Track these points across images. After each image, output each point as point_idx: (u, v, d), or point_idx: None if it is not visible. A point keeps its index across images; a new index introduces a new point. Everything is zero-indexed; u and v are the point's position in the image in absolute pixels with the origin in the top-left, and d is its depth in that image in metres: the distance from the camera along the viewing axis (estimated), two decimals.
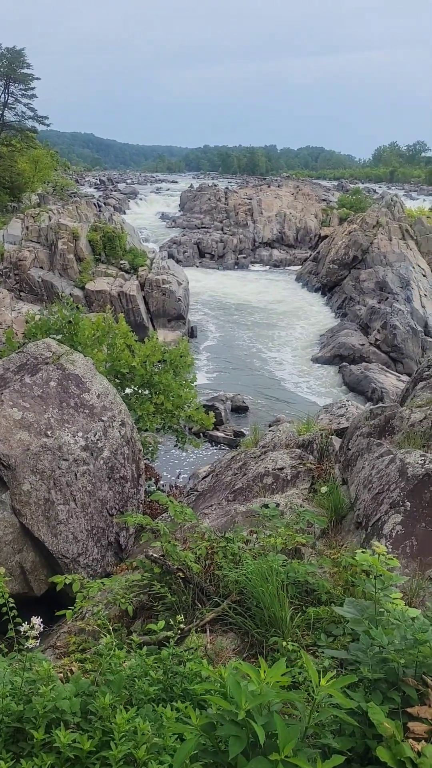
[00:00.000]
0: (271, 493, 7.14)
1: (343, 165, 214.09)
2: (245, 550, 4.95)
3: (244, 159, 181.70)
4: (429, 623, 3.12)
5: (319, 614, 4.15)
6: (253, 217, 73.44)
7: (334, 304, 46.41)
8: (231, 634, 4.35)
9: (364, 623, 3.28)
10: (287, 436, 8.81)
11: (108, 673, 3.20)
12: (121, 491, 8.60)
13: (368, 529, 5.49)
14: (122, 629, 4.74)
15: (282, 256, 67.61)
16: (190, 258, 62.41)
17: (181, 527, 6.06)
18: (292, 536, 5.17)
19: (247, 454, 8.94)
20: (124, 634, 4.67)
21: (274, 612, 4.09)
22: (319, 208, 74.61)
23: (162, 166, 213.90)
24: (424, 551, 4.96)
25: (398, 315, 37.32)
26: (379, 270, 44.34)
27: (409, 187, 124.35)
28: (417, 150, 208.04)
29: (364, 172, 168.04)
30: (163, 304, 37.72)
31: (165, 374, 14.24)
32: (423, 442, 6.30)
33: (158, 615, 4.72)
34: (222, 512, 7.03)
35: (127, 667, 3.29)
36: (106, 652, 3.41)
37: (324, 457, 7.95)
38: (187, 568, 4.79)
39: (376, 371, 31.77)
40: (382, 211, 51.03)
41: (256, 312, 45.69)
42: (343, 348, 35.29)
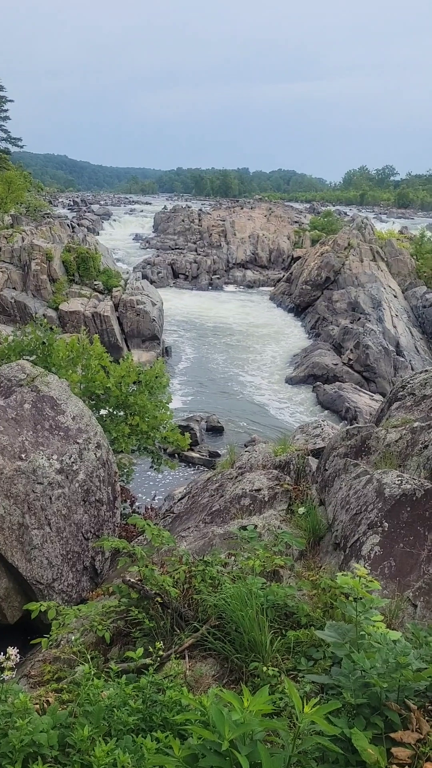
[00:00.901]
0: (248, 514, 7.11)
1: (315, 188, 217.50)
2: (224, 573, 4.90)
3: (217, 181, 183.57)
4: (410, 646, 3.12)
5: (299, 638, 4.12)
6: (227, 238, 74.04)
7: (308, 324, 46.82)
8: (210, 660, 4.29)
9: (345, 647, 3.26)
10: (264, 456, 8.80)
11: (86, 704, 3.12)
12: (96, 514, 8.49)
13: (346, 550, 5.48)
14: (99, 657, 4.64)
15: (255, 277, 68.14)
16: (164, 279, 62.58)
17: (158, 551, 5.99)
18: (271, 558, 5.15)
19: (223, 475, 8.90)
20: (101, 661, 4.58)
21: (254, 636, 4.05)
22: (292, 230, 75.54)
23: (135, 188, 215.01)
24: (403, 572, 4.96)
25: (370, 335, 37.76)
26: (351, 291, 44.90)
27: (378, 210, 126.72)
28: (386, 174, 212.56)
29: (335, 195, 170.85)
30: (138, 325, 37.68)
31: (140, 395, 14.17)
32: (399, 462, 6.33)
33: (136, 641, 4.64)
34: (199, 535, 6.97)
35: (106, 696, 3.22)
36: (84, 682, 3.33)
37: (301, 477, 7.95)
38: (165, 592, 4.73)
39: (349, 390, 32.03)
40: (353, 233, 51.83)
41: (230, 332, 45.88)
42: (316, 368, 35.54)
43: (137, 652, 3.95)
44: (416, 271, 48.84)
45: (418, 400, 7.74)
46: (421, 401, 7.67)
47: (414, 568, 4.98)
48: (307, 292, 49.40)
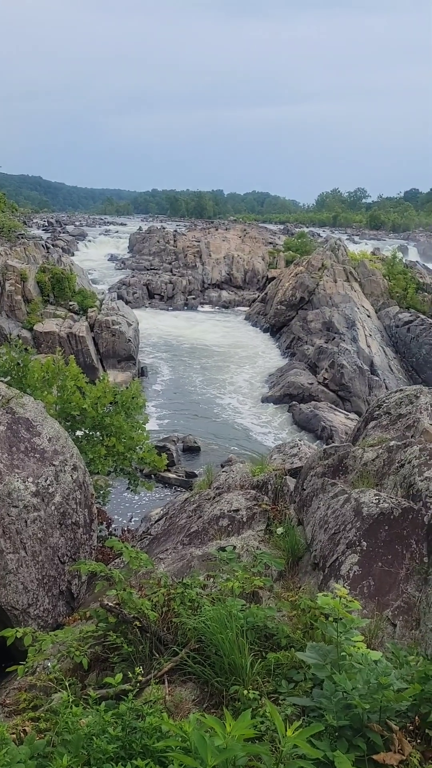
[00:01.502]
0: (227, 535, 7.08)
1: (288, 210, 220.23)
2: (203, 595, 4.87)
3: (192, 203, 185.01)
4: (391, 666, 3.12)
5: (279, 660, 4.09)
6: (202, 259, 74.49)
7: (283, 344, 47.14)
8: (190, 684, 4.24)
9: (326, 668, 3.25)
10: (241, 476, 8.79)
11: (65, 732, 3.06)
12: (73, 538, 8.38)
13: (325, 570, 5.48)
14: (76, 683, 4.56)
15: (231, 297, 68.54)
16: (139, 299, 62.63)
17: (136, 573, 5.92)
18: (250, 580, 5.12)
19: (201, 495, 8.87)
20: (79, 688, 4.50)
21: (234, 659, 4.01)
22: (266, 251, 76.28)
23: (111, 209, 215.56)
24: (382, 591, 4.97)
25: (345, 354, 38.13)
26: (326, 311, 45.38)
27: (351, 232, 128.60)
28: (358, 196, 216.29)
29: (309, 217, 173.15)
30: (113, 345, 37.60)
31: (116, 416, 14.10)
32: (376, 481, 6.37)
33: (114, 667, 4.57)
34: (178, 556, 6.91)
35: (85, 724, 3.16)
36: (62, 710, 3.27)
37: (279, 497, 7.95)
38: (143, 616, 4.67)
39: (325, 410, 32.23)
40: (326, 254, 52.52)
41: (206, 352, 45.99)
42: (292, 387, 35.73)
43: (116, 678, 3.89)
44: (389, 292, 49.56)
45: (394, 419, 7.81)
46: (396, 420, 7.75)
47: (393, 587, 5.00)
48: (282, 312, 49.80)
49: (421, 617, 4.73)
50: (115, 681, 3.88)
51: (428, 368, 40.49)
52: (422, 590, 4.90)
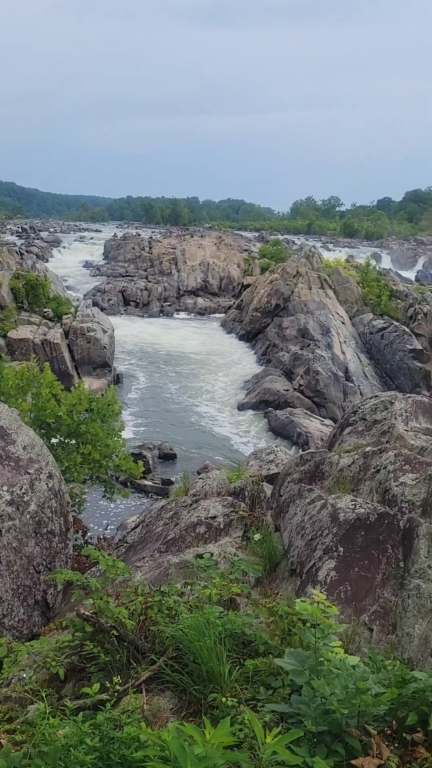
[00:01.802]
0: (204, 542, 7.06)
1: (263, 217, 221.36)
2: (180, 603, 4.85)
3: (167, 210, 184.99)
4: (369, 671, 3.14)
5: (257, 666, 4.09)
6: (177, 266, 74.52)
7: (259, 350, 47.30)
8: (168, 693, 4.22)
9: (304, 674, 3.26)
10: (218, 483, 8.79)
11: (42, 744, 3.02)
12: (48, 546, 8.29)
13: (303, 575, 5.50)
14: (53, 694, 4.51)
15: (206, 304, 68.63)
16: (114, 306, 62.40)
17: (112, 582, 5.88)
18: (228, 587, 5.12)
19: (177, 503, 8.84)
20: (55, 699, 4.45)
21: (212, 667, 4.00)
22: (242, 258, 76.56)
23: (85, 216, 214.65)
24: (358, 596, 5.00)
25: (320, 361, 38.39)
26: (301, 318, 45.67)
27: (325, 239, 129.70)
28: (332, 204, 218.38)
29: (283, 225, 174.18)
30: (88, 352, 37.39)
31: (92, 423, 14.01)
32: (352, 487, 6.42)
33: (91, 677, 4.53)
34: (155, 564, 6.88)
35: (62, 735, 3.12)
36: (39, 721, 3.23)
37: (256, 504, 7.96)
38: (120, 625, 4.64)
39: (300, 416, 32.38)
40: (301, 262, 52.89)
41: (182, 359, 45.96)
42: (268, 394, 35.85)
43: (93, 688, 3.86)
44: (363, 299, 50.03)
45: (369, 425, 7.88)
46: (372, 426, 7.82)
47: (369, 592, 5.03)
48: (257, 319, 49.99)
49: (398, 621, 4.77)
50: (92, 691, 3.85)
51: (401, 374, 40.95)
52: (398, 595, 4.94)
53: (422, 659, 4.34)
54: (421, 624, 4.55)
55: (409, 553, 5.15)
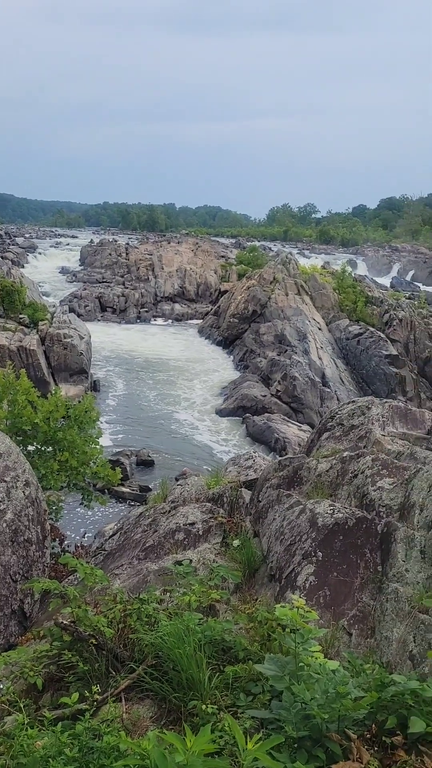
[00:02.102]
0: (183, 549, 7.04)
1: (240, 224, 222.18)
2: (160, 610, 4.83)
3: (143, 216, 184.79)
4: (349, 675, 3.15)
5: (237, 673, 4.08)
6: (154, 272, 74.43)
7: (236, 356, 47.39)
8: (148, 701, 4.19)
9: (285, 680, 3.26)
10: (197, 489, 8.78)
11: (20, 756, 2.98)
12: (25, 555, 8.20)
13: (282, 581, 5.51)
14: (31, 705, 4.45)
15: (183, 310, 68.62)
16: (91, 312, 62.09)
17: (91, 590, 5.83)
18: (207, 593, 5.11)
19: (156, 509, 8.81)
20: (33, 709, 4.39)
21: (192, 674, 3.99)
22: (219, 264, 76.73)
23: (61, 221, 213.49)
24: (337, 600, 5.02)
25: (297, 367, 38.57)
26: (278, 323, 45.86)
27: (302, 246, 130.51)
28: (308, 211, 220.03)
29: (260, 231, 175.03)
30: (65, 359, 37.13)
31: (69, 430, 13.90)
32: (330, 492, 6.46)
33: (69, 686, 4.48)
34: (133, 572, 6.84)
35: (41, 746, 3.08)
36: (17, 732, 3.19)
37: (235, 510, 7.96)
38: (99, 633, 4.60)
39: (278, 422, 32.48)
40: (278, 268, 53.16)
41: (159, 365, 45.87)
42: (245, 399, 35.91)
43: (72, 698, 3.82)
44: (339, 305, 50.41)
45: (347, 430, 7.94)
46: (349, 431, 7.87)
47: (348, 596, 5.05)
48: (234, 325, 50.10)
49: (376, 625, 4.80)
50: (70, 701, 3.81)
51: (377, 380, 41.30)
52: (377, 599, 4.97)
53: (401, 662, 4.37)
54: (399, 627, 4.59)
55: (387, 557, 5.19)
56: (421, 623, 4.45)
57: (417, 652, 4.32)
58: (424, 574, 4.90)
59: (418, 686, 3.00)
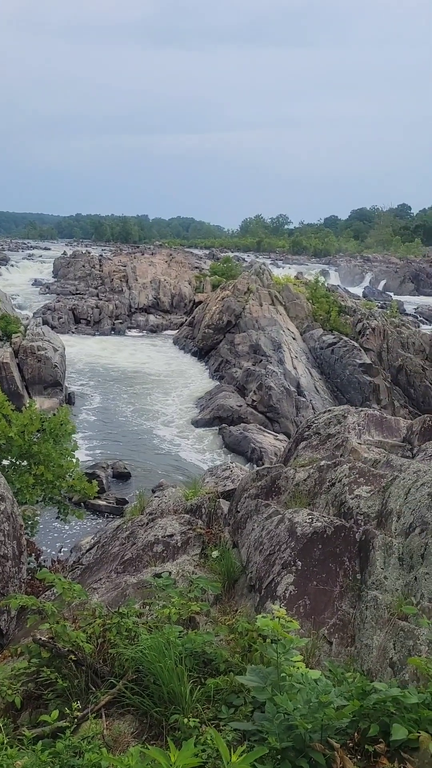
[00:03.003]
0: (162, 561, 7.00)
1: (213, 235, 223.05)
2: (139, 624, 4.79)
3: (117, 228, 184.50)
4: (331, 684, 3.15)
5: (218, 685, 4.06)
6: (128, 283, 74.33)
7: (211, 367, 47.44)
8: (129, 716, 4.15)
9: (267, 691, 3.25)
10: (174, 501, 8.74)
11: None
12: (1, 571, 8.08)
13: (262, 591, 5.50)
14: (9, 724, 4.37)
15: (158, 321, 68.58)
16: (65, 324, 61.74)
17: (69, 605, 5.76)
18: (187, 605, 5.08)
19: (134, 522, 8.75)
20: (12, 728, 4.32)
21: (173, 687, 3.96)
22: (193, 275, 76.90)
23: (34, 233, 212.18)
24: (317, 609, 5.03)
25: (272, 376, 38.73)
26: (252, 334, 46.06)
27: (275, 256, 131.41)
28: (280, 222, 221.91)
29: (233, 242, 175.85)
30: (39, 371, 36.82)
31: (44, 443, 13.77)
32: (308, 501, 6.48)
33: (49, 704, 4.42)
34: (112, 585, 6.78)
35: (21, 766, 3.03)
36: None
37: (213, 520, 7.94)
38: (78, 649, 4.54)
39: (254, 431, 32.54)
40: (252, 279, 53.44)
41: (135, 376, 45.72)
42: (221, 410, 35.93)
43: (52, 715, 3.77)
44: (312, 314, 50.79)
45: (324, 439, 7.99)
46: (326, 440, 7.92)
47: (328, 605, 5.07)
48: (209, 336, 50.19)
49: (356, 633, 4.82)
50: (50, 718, 3.76)
51: (352, 388, 41.63)
52: (356, 607, 4.99)
53: (381, 670, 4.39)
54: (379, 635, 4.61)
55: (365, 564, 5.22)
56: (400, 630, 4.47)
57: (397, 659, 4.34)
58: (402, 581, 4.94)
59: (399, 693, 3.01)
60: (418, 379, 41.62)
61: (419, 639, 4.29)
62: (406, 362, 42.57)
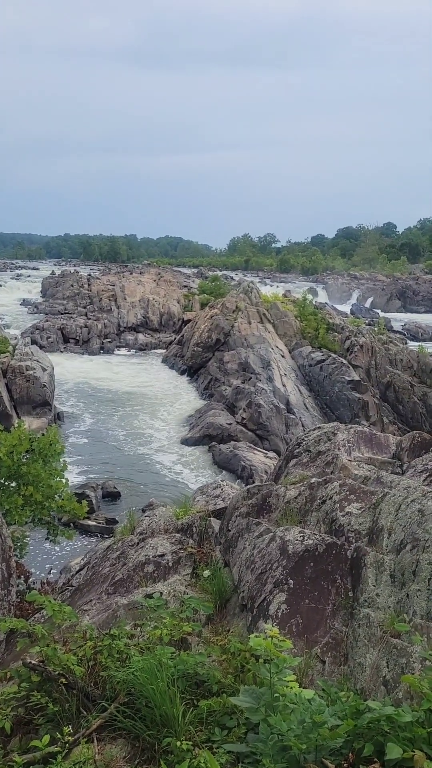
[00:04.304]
0: (153, 581, 6.95)
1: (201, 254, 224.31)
2: (131, 646, 4.74)
3: (105, 247, 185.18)
4: (325, 703, 3.13)
5: (211, 707, 4.02)
6: (117, 302, 74.45)
7: (201, 385, 47.46)
8: (121, 740, 4.09)
9: (260, 711, 3.23)
10: (165, 520, 8.70)
11: None
12: None
13: (254, 610, 5.47)
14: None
15: (147, 340, 68.65)
16: (54, 343, 61.65)
17: (59, 628, 5.70)
18: (179, 626, 5.04)
19: (124, 542, 8.69)
20: (1, 755, 4.25)
21: (165, 710, 3.91)
22: (181, 294, 77.18)
23: (22, 254, 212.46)
24: (310, 628, 5.01)
25: (262, 394, 38.79)
26: (241, 352, 46.19)
27: (263, 275, 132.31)
28: (267, 241, 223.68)
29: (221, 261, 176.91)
30: (28, 391, 36.67)
31: (34, 464, 13.68)
32: (299, 519, 6.47)
33: (39, 728, 4.35)
34: (102, 607, 6.72)
35: None
36: None
37: (204, 539, 7.90)
38: (69, 672, 4.49)
39: (244, 449, 32.50)
40: (240, 297, 53.71)
41: (124, 395, 45.63)
42: (211, 428, 35.89)
43: (43, 740, 3.71)
44: (301, 332, 51.04)
45: (314, 456, 8.00)
46: (316, 457, 7.93)
47: (320, 623, 5.05)
48: (198, 354, 50.28)
49: (349, 652, 4.79)
50: (41, 743, 3.70)
51: (341, 405, 41.75)
52: (349, 625, 4.97)
53: (375, 688, 4.36)
54: (372, 653, 4.59)
55: (357, 582, 5.21)
56: (393, 648, 4.46)
57: (390, 677, 4.32)
58: (394, 598, 4.93)
59: (393, 712, 3.00)
60: (406, 396, 41.81)
61: (412, 656, 4.28)
62: (394, 379, 42.79)
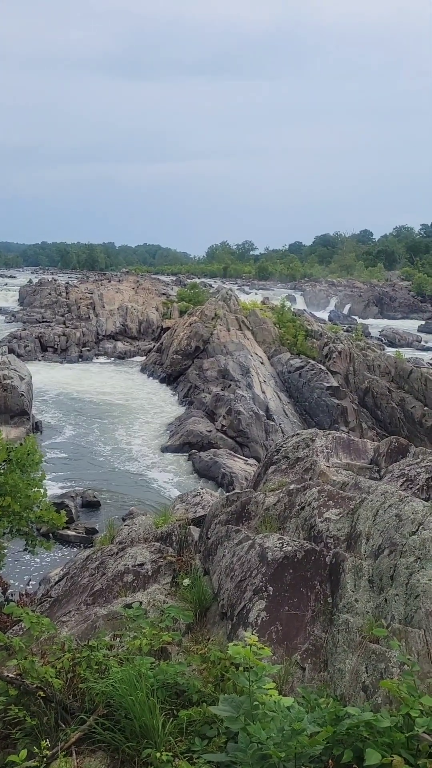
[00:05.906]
0: (132, 591, 6.91)
1: (180, 261, 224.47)
2: (110, 656, 4.70)
3: (83, 255, 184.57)
4: (304, 710, 3.13)
5: (191, 716, 4.00)
6: (96, 310, 74.18)
7: (180, 392, 47.40)
8: (100, 753, 4.05)
9: (240, 720, 3.22)
10: (144, 529, 8.65)
11: None
12: None
13: (234, 618, 5.46)
14: None
15: (126, 348, 68.45)
16: (32, 352, 61.20)
17: (37, 640, 5.64)
18: (158, 636, 5.01)
19: (103, 551, 8.63)
20: None
21: (145, 721, 3.88)
22: (160, 302, 77.15)
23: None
24: (289, 635, 5.01)
25: (241, 401, 38.84)
26: (221, 359, 46.25)
27: (241, 282, 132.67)
28: (246, 248, 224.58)
29: (200, 268, 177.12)
30: (5, 400, 36.33)
31: (11, 474, 13.52)
32: (278, 525, 6.48)
33: (17, 743, 4.29)
34: (81, 618, 6.65)
35: None
36: None
37: (184, 548, 7.87)
38: (47, 685, 4.44)
39: (224, 456, 32.48)
40: (219, 304, 53.83)
41: (103, 404, 45.41)
42: (191, 435, 35.83)
43: (20, 755, 3.66)
44: (280, 339, 51.23)
45: (293, 462, 8.02)
46: (295, 464, 7.95)
47: (300, 630, 5.05)
48: (178, 362, 50.25)
49: (329, 658, 4.80)
50: (19, 758, 3.65)
51: (320, 411, 41.94)
52: (328, 631, 4.98)
53: (354, 694, 4.37)
54: (351, 659, 4.60)
55: (336, 588, 5.22)
56: (372, 653, 4.47)
57: (369, 682, 4.33)
58: (372, 603, 4.95)
59: (372, 717, 3.01)
60: (384, 401, 42.11)
61: (391, 661, 4.30)
62: (372, 384, 43.10)
